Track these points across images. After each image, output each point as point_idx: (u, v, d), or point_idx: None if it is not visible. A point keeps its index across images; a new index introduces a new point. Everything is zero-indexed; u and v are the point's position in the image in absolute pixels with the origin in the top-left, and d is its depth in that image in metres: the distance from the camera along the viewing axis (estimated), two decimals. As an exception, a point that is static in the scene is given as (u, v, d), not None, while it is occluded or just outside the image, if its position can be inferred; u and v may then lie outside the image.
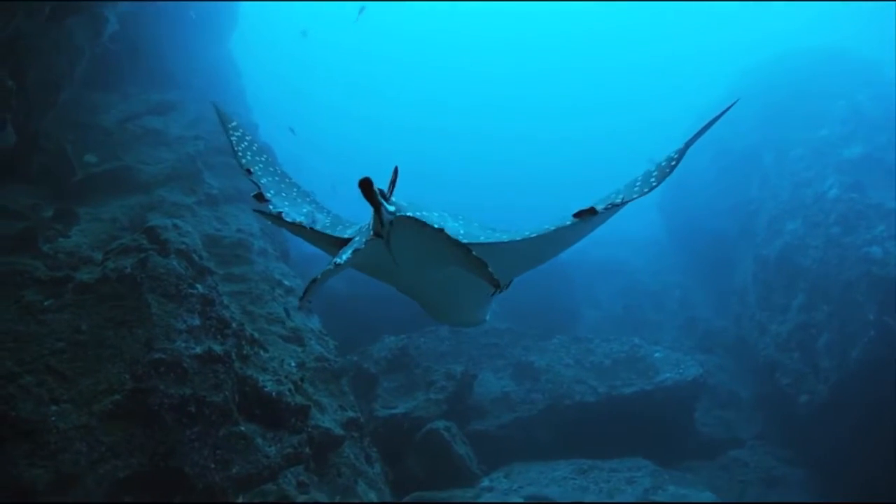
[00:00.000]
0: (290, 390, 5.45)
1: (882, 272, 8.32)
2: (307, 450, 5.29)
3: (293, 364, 6.40)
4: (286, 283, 8.27)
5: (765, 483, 9.86)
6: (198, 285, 5.23)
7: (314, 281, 2.25)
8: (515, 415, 9.93)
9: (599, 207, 2.42)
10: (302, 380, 6.01)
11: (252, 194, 2.87)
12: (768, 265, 10.89)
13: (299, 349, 7.12)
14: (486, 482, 8.84)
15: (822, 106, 13.52)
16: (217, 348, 4.88)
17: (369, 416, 9.47)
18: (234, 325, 5.31)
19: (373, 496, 6.13)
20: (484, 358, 10.89)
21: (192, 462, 4.54)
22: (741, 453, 10.46)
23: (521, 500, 8.13)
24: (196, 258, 5.56)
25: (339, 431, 6.00)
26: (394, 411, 9.31)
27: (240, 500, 4.77)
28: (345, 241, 2.48)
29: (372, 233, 2.29)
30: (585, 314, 15.54)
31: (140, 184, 8.75)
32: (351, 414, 6.55)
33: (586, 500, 8.10)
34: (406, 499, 8.08)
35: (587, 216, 2.43)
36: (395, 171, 2.47)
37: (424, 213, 2.36)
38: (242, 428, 4.96)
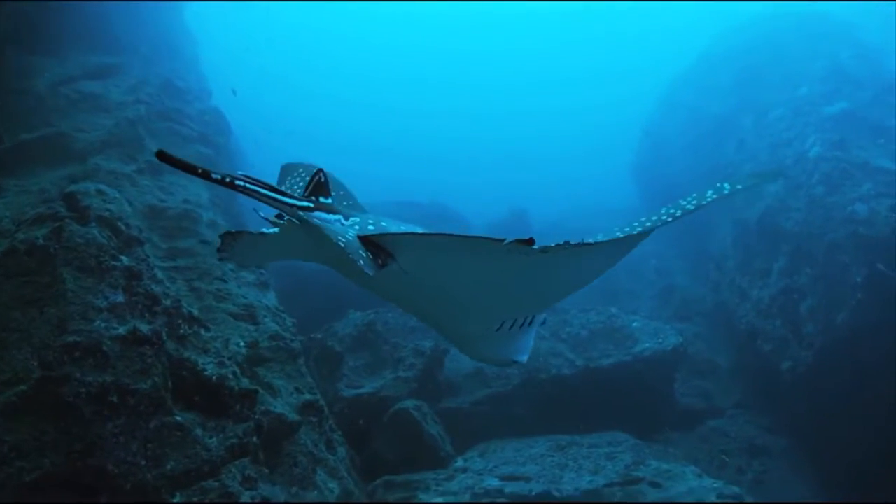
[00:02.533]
0: (234, 373, 4.85)
1: (869, 232, 7.95)
2: (255, 439, 4.72)
3: (242, 344, 5.80)
4: (238, 257, 7.60)
5: (746, 453, 9.60)
6: (123, 257, 4.58)
7: (231, 234, 2.62)
8: (490, 390, 9.48)
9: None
10: (251, 362, 5.42)
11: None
12: (748, 229, 10.51)
13: (252, 328, 6.51)
14: (459, 462, 8.40)
15: (800, 66, 13.12)
16: (144, 328, 4.26)
17: (334, 396, 8.95)
18: (166, 301, 4.68)
19: (333, 485, 5.60)
20: (455, 332, 10.39)
21: (116, 459, 3.95)
22: (721, 423, 10.21)
23: (497, 481, 7.69)
24: (123, 227, 4.91)
25: (293, 417, 5.43)
26: (360, 391, 8.79)
27: (176, 499, 4.19)
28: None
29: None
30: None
31: (75, 152, 7.98)
32: (308, 397, 5.98)
33: (565, 478, 7.71)
34: (374, 484, 7.61)
35: (521, 245, 2.33)
36: (318, 174, 2.79)
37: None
38: (178, 418, 4.36)
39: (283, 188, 3.05)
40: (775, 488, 9.00)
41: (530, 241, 2.30)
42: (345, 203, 3.22)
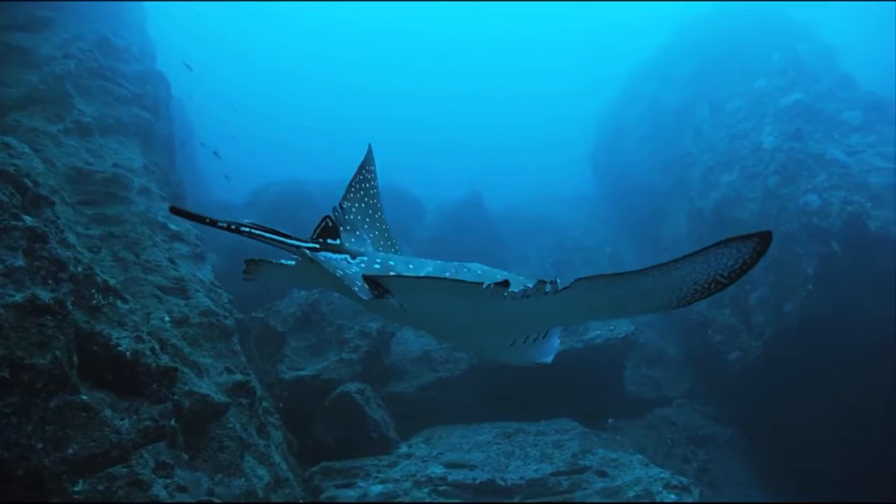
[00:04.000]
0: (152, 350, 4.42)
1: (822, 223, 7.91)
2: (173, 422, 4.31)
3: (167, 319, 5.35)
4: (172, 227, 7.11)
5: (693, 442, 9.58)
6: (26, 217, 4.08)
7: (254, 261, 2.96)
8: (437, 375, 9.21)
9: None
10: (177, 338, 4.98)
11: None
12: (703, 219, 10.44)
13: (182, 302, 6.05)
14: (403, 448, 8.11)
15: (758, 59, 13.13)
16: (45, 296, 3.79)
17: (275, 379, 8.54)
18: (75, 268, 4.21)
19: (263, 472, 5.22)
20: (405, 315, 10.06)
21: (7, 441, 3.50)
22: (669, 412, 10.18)
23: (441, 468, 7.42)
24: (30, 184, 4.40)
25: (220, 398, 5.02)
26: (301, 373, 8.39)
27: (78, 487, 3.76)
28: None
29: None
30: (514, 271, 14.93)
31: (-5, 108, 7.31)
32: (239, 377, 5.58)
33: (511, 466, 7.50)
34: (311, 470, 7.25)
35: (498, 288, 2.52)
36: (325, 220, 3.08)
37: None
38: (84, 397, 3.92)
39: (357, 178, 3.60)
40: (720, 476, 9.01)
41: (505, 283, 2.48)
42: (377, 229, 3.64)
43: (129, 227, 6.60)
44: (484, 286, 2.48)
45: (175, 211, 2.56)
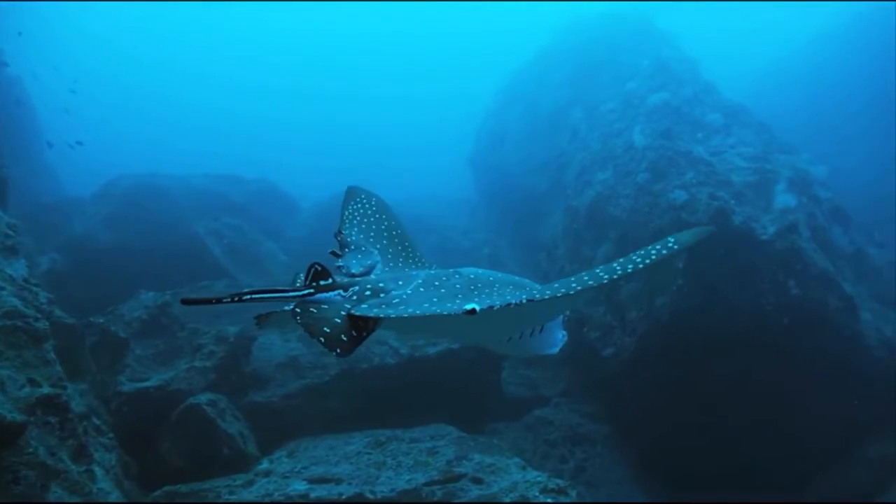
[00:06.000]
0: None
1: (691, 218, 8.03)
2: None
3: (-52, 321, 4.32)
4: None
5: (569, 441, 9.45)
6: None
7: (264, 315, 3.16)
8: (304, 382, 8.46)
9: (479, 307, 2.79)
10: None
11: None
12: (578, 217, 10.44)
13: (-22, 302, 4.99)
14: (264, 464, 7.30)
15: (630, 63, 13.57)
16: None
17: (113, 391, 7.47)
18: None
19: (74, 505, 4.32)
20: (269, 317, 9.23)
21: None
22: (546, 412, 10.03)
23: (304, 484, 6.71)
24: None
25: (15, 417, 4.08)
26: (144, 384, 7.38)
27: None
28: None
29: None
30: (393, 271, 14.45)
31: None
32: (47, 390, 4.62)
33: (382, 477, 6.93)
34: (153, 494, 6.29)
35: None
36: (314, 265, 3.18)
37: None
38: None
39: (346, 210, 4.00)
40: (597, 475, 8.93)
41: (472, 312, 2.74)
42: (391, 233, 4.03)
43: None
44: (459, 312, 2.75)
45: (186, 301, 2.89)
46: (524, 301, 2.79)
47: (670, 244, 3.14)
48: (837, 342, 8.08)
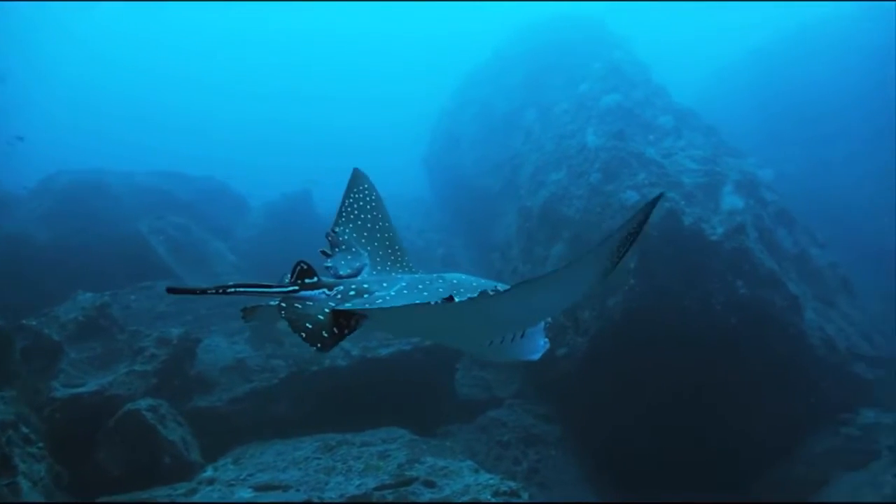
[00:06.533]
0: None
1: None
2: None
3: None
4: None
5: (523, 442, 9.40)
6: None
7: (250, 309, 3.11)
8: (251, 385, 8.20)
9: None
10: None
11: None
12: (532, 217, 10.43)
13: None
14: (208, 472, 7.01)
15: (583, 65, 13.68)
16: None
17: (45, 398, 7.06)
18: None
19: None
20: (215, 318, 8.95)
21: None
22: (500, 413, 9.96)
23: (250, 492, 6.46)
24: None
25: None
26: (79, 390, 7.01)
27: None
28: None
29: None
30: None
31: None
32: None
33: (332, 483, 6.74)
34: (89, 507, 5.98)
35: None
36: (300, 263, 3.20)
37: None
38: None
39: (348, 198, 4.03)
40: (550, 476, 8.90)
41: (450, 299, 2.80)
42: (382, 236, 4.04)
43: None
44: (432, 304, 2.83)
45: (171, 290, 2.96)
46: (500, 291, 2.84)
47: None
48: (783, 341, 8.25)
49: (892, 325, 10.41)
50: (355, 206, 4.05)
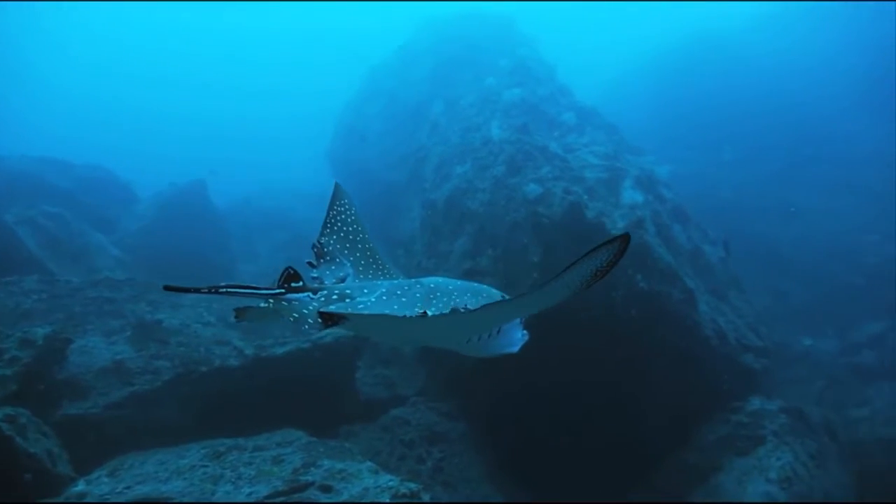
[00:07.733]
0: None
1: (546, 211, 8.05)
2: None
3: None
4: None
5: (427, 441, 9.20)
6: None
7: (241, 309, 3.28)
8: (132, 389, 7.52)
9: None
10: None
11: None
12: (436, 210, 10.23)
13: None
14: (79, 486, 6.32)
15: (490, 61, 13.68)
16: None
17: None
18: None
19: None
20: (92, 317, 8.15)
21: None
22: (403, 411, 9.71)
23: (126, 506, 5.88)
24: None
25: None
26: (-79, 399, 6.12)
27: None
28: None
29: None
30: (242, 269, 13.51)
31: None
32: None
33: (219, 493, 6.23)
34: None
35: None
36: (288, 269, 3.42)
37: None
38: None
39: (332, 211, 4.25)
40: (454, 474, 8.73)
41: (424, 314, 3.05)
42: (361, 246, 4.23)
43: None
44: (406, 317, 3.01)
45: (168, 288, 3.07)
46: (469, 310, 3.03)
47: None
48: (679, 332, 8.47)
49: (776, 318, 11.00)
50: (338, 218, 4.23)
